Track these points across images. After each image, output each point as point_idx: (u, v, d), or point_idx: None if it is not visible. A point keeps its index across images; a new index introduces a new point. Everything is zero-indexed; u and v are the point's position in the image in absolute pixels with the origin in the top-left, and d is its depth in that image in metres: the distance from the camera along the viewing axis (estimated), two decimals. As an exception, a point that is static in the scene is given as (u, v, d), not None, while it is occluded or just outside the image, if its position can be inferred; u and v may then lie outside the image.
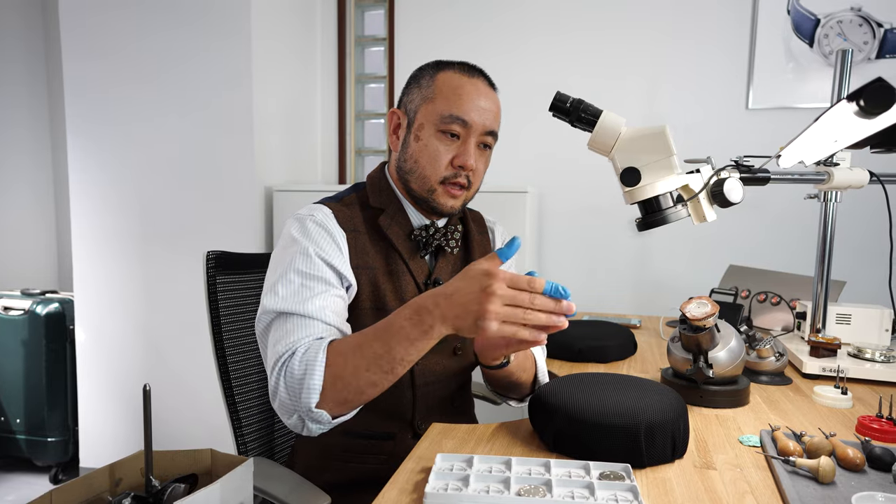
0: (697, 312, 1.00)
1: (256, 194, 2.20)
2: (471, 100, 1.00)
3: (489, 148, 1.06)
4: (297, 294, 0.92)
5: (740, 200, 1.04)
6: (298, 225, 0.99)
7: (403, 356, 0.82)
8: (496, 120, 1.04)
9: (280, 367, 0.87)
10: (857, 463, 0.77)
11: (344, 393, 0.84)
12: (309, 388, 0.83)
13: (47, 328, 2.36)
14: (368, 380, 0.83)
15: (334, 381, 0.84)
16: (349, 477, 1.05)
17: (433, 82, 1.02)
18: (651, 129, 0.97)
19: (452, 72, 1.02)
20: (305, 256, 0.94)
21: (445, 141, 1.00)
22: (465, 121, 0.99)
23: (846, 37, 2.11)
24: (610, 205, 2.33)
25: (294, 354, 0.86)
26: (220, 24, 2.14)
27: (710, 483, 0.76)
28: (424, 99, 1.02)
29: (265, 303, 0.93)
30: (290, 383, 0.85)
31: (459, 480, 0.74)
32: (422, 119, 1.02)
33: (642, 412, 0.81)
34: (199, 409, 2.26)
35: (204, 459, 0.92)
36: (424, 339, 0.81)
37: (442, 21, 2.49)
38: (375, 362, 0.82)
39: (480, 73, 1.05)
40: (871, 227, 2.01)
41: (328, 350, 0.86)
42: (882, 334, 1.34)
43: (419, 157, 1.02)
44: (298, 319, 0.90)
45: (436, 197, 1.02)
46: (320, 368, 0.84)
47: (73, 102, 2.27)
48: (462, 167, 1.00)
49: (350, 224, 1.02)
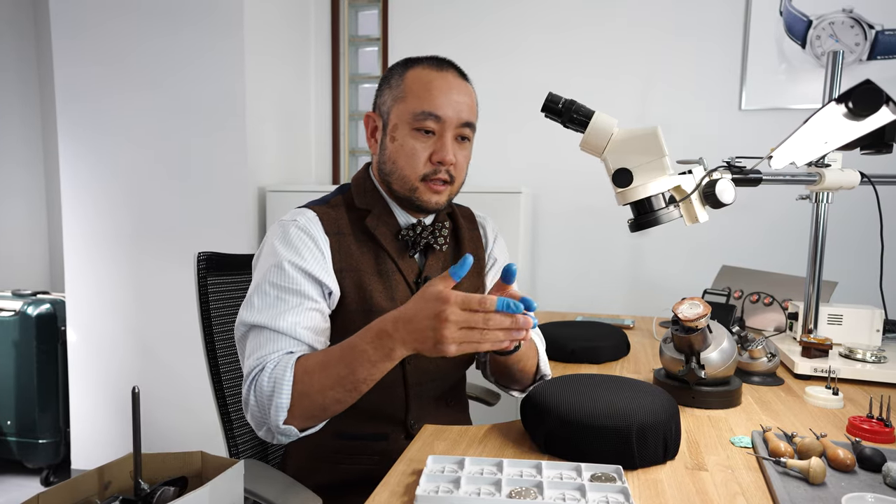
0: (689, 313, 1.01)
1: (249, 195, 2.20)
2: (442, 94, 0.98)
3: (468, 140, 1.04)
4: (271, 307, 0.93)
5: (732, 201, 1.04)
6: (281, 232, 0.99)
7: (366, 377, 0.85)
8: (472, 111, 1.03)
9: (250, 382, 0.90)
10: (847, 464, 0.77)
11: (310, 409, 0.87)
12: (277, 406, 0.86)
13: (38, 329, 2.34)
14: (332, 398, 0.86)
15: (300, 399, 0.86)
16: (341, 478, 1.04)
17: (402, 81, 1.01)
18: (643, 131, 0.97)
19: (421, 68, 1.01)
20: (280, 269, 0.95)
21: (421, 138, 0.99)
22: (438, 116, 0.98)
23: (838, 38, 2.12)
24: (604, 205, 2.33)
25: (263, 370, 0.89)
26: (213, 24, 2.13)
27: (701, 484, 0.76)
28: (395, 99, 1.01)
29: (241, 314, 0.95)
30: (259, 398, 0.88)
31: (450, 482, 0.73)
32: (395, 119, 1.01)
33: (634, 413, 0.81)
34: (192, 410, 2.25)
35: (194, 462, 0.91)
36: (386, 361, 0.83)
37: (436, 21, 2.49)
38: (339, 382, 0.85)
39: (450, 65, 1.03)
40: (862, 228, 2.02)
41: (296, 367, 0.88)
42: (873, 334, 1.35)
43: (397, 157, 1.01)
44: (270, 334, 0.92)
45: (419, 195, 1.01)
46: (288, 386, 0.86)
47: (65, 101, 2.26)
48: (441, 163, 0.99)
49: (334, 227, 1.02)
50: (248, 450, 1.18)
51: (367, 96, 2.70)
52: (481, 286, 1.16)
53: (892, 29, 2.08)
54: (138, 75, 2.20)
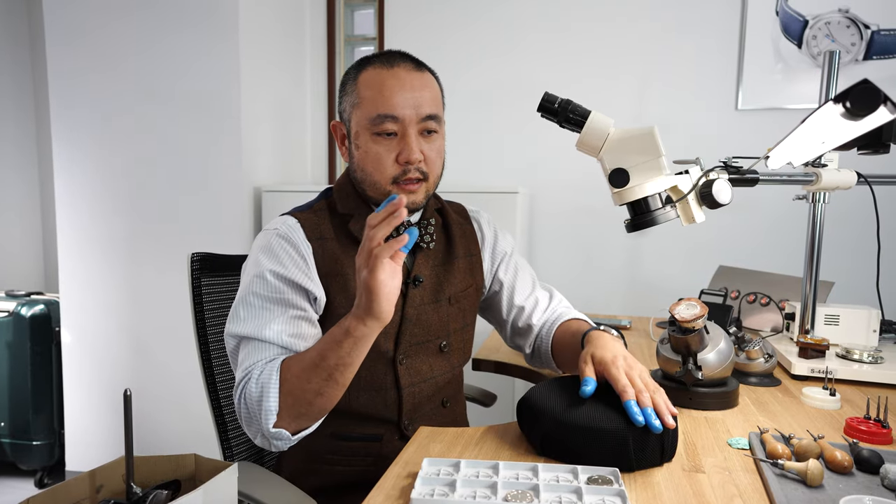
0: (686, 314, 1.00)
1: (245, 195, 2.19)
2: (396, 93, 0.96)
3: (435, 133, 1.01)
4: (256, 317, 0.94)
5: (729, 202, 1.03)
6: (263, 241, 1.00)
7: (336, 362, 0.85)
8: (433, 103, 0.99)
9: (240, 393, 0.90)
10: (844, 465, 0.77)
11: (296, 407, 0.87)
12: (266, 411, 0.86)
13: (32, 330, 2.33)
14: (312, 390, 0.86)
15: (286, 398, 0.87)
16: (337, 480, 1.04)
17: (356, 86, 0.99)
18: (639, 130, 0.97)
19: (372, 68, 0.99)
20: (263, 279, 0.95)
21: (383, 142, 0.97)
22: (394, 116, 0.96)
23: (834, 38, 2.12)
24: (601, 205, 2.33)
25: (250, 379, 0.89)
26: (208, 24, 2.12)
27: (698, 487, 0.75)
28: (353, 105, 1.00)
29: (228, 326, 0.96)
30: (249, 406, 0.88)
31: (446, 485, 0.73)
32: (356, 126, 0.99)
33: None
34: (188, 411, 2.24)
35: (187, 465, 0.91)
36: (346, 338, 0.84)
37: (432, 21, 2.48)
38: (314, 372, 0.86)
39: (402, 57, 1.00)
40: (859, 228, 2.02)
41: (281, 368, 0.88)
42: (870, 335, 1.35)
43: (364, 164, 1.00)
44: (257, 344, 0.92)
45: None
46: (275, 389, 0.87)
47: (58, 104, 2.24)
48: (408, 162, 0.97)
49: (316, 232, 1.01)
50: (244, 451, 1.18)
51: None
52: (474, 284, 1.15)
53: (888, 29, 2.08)
54: (133, 76, 2.19)
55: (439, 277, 1.08)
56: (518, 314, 1.17)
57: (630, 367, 0.87)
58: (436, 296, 1.07)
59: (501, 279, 1.18)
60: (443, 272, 1.09)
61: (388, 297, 0.81)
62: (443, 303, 1.08)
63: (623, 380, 0.84)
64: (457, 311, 1.11)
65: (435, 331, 1.07)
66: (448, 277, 1.09)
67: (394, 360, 1.03)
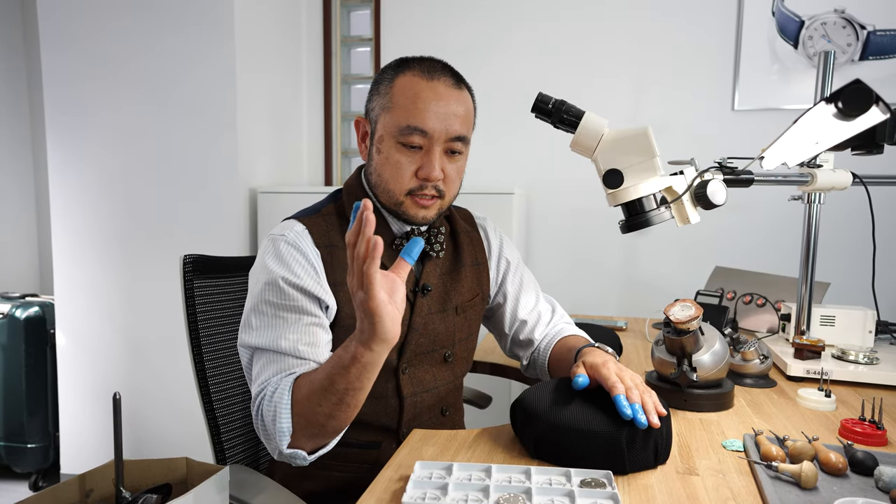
0: (681, 315, 1.00)
1: (241, 196, 2.18)
2: (430, 107, 0.93)
3: (459, 154, 0.98)
4: (269, 327, 0.91)
5: (724, 202, 1.03)
6: (272, 248, 0.96)
7: (346, 387, 0.80)
8: (465, 124, 0.97)
9: (256, 408, 0.88)
10: (839, 468, 0.76)
11: (309, 429, 0.84)
12: (280, 432, 0.84)
13: (27, 332, 2.32)
14: (324, 414, 0.82)
15: (299, 420, 0.84)
16: (331, 485, 1.03)
17: (391, 89, 0.96)
18: (634, 131, 0.96)
19: (411, 74, 0.95)
20: (275, 287, 0.92)
21: (407, 153, 0.95)
22: (424, 131, 0.93)
23: (830, 38, 2.12)
24: (597, 206, 2.32)
25: (265, 396, 0.87)
26: (204, 24, 2.11)
27: (692, 489, 0.75)
28: (383, 108, 0.96)
29: (242, 337, 0.94)
30: (266, 425, 0.86)
31: (438, 489, 0.72)
32: (381, 130, 0.96)
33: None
34: (183, 414, 2.23)
35: (179, 468, 0.90)
36: (354, 364, 0.78)
37: (429, 21, 2.47)
38: (324, 396, 0.82)
39: (444, 70, 0.97)
40: (854, 229, 2.01)
41: (293, 388, 0.85)
42: (865, 336, 1.34)
43: (382, 170, 0.97)
44: (272, 356, 0.90)
45: (405, 209, 0.98)
46: (286, 411, 0.84)
47: (53, 108, 2.23)
48: (427, 179, 0.95)
49: (325, 239, 0.98)
50: (238, 454, 1.17)
51: (359, 97, 2.69)
52: (480, 294, 1.14)
53: (884, 29, 2.08)
54: (128, 77, 2.18)
55: (447, 286, 1.07)
56: (520, 327, 1.16)
57: (620, 370, 0.87)
58: (443, 305, 1.06)
59: (507, 291, 1.17)
60: (450, 281, 1.08)
61: (393, 318, 0.75)
62: (449, 312, 1.07)
63: (613, 377, 0.84)
64: (463, 321, 1.09)
65: (441, 340, 1.06)
66: (455, 286, 1.08)
67: (396, 369, 1.01)
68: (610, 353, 0.98)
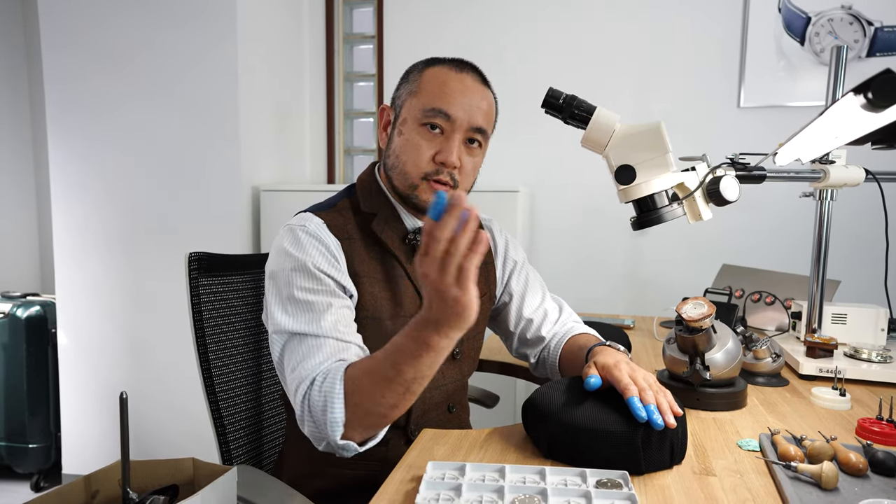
0: (694, 313, 0.98)
1: (243, 194, 2.16)
2: (456, 94, 0.96)
3: (479, 146, 1.00)
4: (306, 311, 0.89)
5: (736, 199, 1.02)
6: (291, 236, 0.95)
7: (415, 375, 0.78)
8: (486, 118, 0.99)
9: (303, 398, 0.84)
10: (860, 468, 0.75)
11: (367, 419, 0.82)
12: (332, 422, 0.81)
13: (28, 331, 2.31)
14: (387, 404, 0.80)
15: (355, 410, 0.81)
16: (340, 484, 1.02)
17: (420, 76, 0.99)
18: (646, 126, 0.95)
19: (441, 66, 0.99)
20: (305, 271, 0.91)
21: (427, 135, 0.96)
22: (447, 114, 0.94)
23: (837, 35, 2.10)
24: (603, 204, 2.31)
25: (313, 384, 0.84)
26: (206, 22, 2.10)
27: (710, 490, 0.73)
28: (410, 93, 0.99)
29: (278, 321, 0.90)
30: (314, 415, 0.83)
31: (451, 490, 0.71)
32: (406, 113, 0.98)
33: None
34: (187, 414, 2.22)
35: (186, 469, 0.89)
36: (428, 353, 0.77)
37: (432, 18, 2.46)
38: (389, 386, 0.79)
39: (471, 68, 1.01)
40: (866, 226, 2.00)
41: (345, 378, 0.82)
42: (878, 334, 1.33)
43: (401, 151, 0.98)
44: (313, 340, 0.87)
45: (418, 193, 0.97)
46: (339, 400, 0.81)
47: (54, 106, 2.22)
48: (444, 164, 0.95)
49: (343, 232, 0.98)
50: (243, 454, 1.16)
51: (362, 95, 2.67)
52: (488, 293, 1.13)
53: (891, 26, 2.07)
54: (129, 75, 2.16)
55: None
56: (526, 326, 1.16)
57: (633, 370, 0.86)
58: None
59: (512, 290, 1.17)
60: None
61: (477, 308, 0.73)
62: None
63: (625, 379, 0.83)
64: None
65: None
66: None
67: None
68: (622, 351, 0.96)
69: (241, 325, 1.18)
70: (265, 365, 1.24)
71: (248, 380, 1.18)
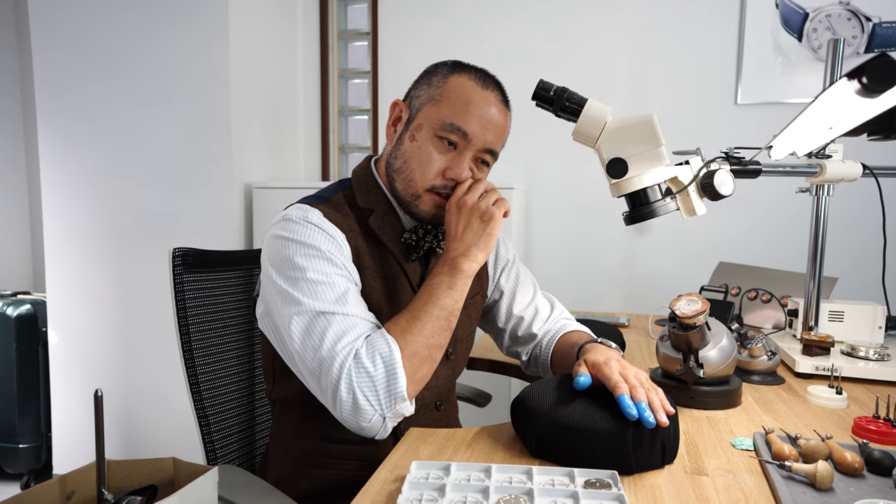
0: (687, 310, 0.96)
1: (236, 192, 2.14)
2: (478, 112, 0.94)
3: (486, 166, 0.99)
4: (328, 290, 0.87)
5: (731, 193, 1.00)
6: (296, 226, 0.92)
7: (452, 306, 0.88)
8: (499, 139, 0.98)
9: (346, 374, 0.81)
10: (855, 467, 0.73)
11: (422, 369, 0.86)
12: (397, 384, 0.82)
13: (18, 330, 2.28)
14: (435, 343, 0.87)
15: (412, 360, 0.84)
16: (327, 484, 1.00)
17: (444, 83, 0.96)
18: (638, 118, 0.93)
19: (467, 77, 0.96)
20: (320, 257, 0.89)
21: (440, 148, 0.95)
22: (465, 132, 0.93)
23: (835, 31, 2.08)
24: (598, 201, 2.29)
25: (357, 356, 0.82)
26: (198, 17, 2.08)
27: (701, 490, 0.71)
28: (431, 99, 0.96)
29: (302, 303, 0.85)
30: (376, 384, 0.82)
31: (435, 490, 0.69)
32: (422, 119, 0.96)
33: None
34: (176, 412, 2.20)
35: (166, 469, 0.87)
36: (461, 279, 0.89)
37: (427, 15, 2.44)
38: (436, 323, 0.86)
39: (496, 87, 0.99)
40: (863, 222, 1.98)
41: (391, 336, 0.85)
42: (875, 332, 1.31)
43: (410, 158, 0.96)
44: (342, 319, 0.85)
45: (419, 203, 0.96)
46: (398, 359, 0.83)
47: (45, 99, 2.20)
48: (453, 180, 0.95)
49: (345, 225, 0.96)
50: (231, 454, 1.14)
51: (356, 91, 2.65)
52: (481, 291, 1.12)
53: (889, 21, 2.05)
54: (121, 72, 2.14)
55: None
56: (517, 323, 1.14)
57: (624, 368, 0.84)
58: None
59: (502, 287, 1.16)
60: None
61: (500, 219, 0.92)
62: None
63: (616, 376, 0.81)
64: (465, 318, 1.08)
65: None
66: None
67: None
68: (613, 348, 0.95)
69: (230, 322, 1.16)
70: (256, 363, 1.22)
71: (237, 377, 1.17)
